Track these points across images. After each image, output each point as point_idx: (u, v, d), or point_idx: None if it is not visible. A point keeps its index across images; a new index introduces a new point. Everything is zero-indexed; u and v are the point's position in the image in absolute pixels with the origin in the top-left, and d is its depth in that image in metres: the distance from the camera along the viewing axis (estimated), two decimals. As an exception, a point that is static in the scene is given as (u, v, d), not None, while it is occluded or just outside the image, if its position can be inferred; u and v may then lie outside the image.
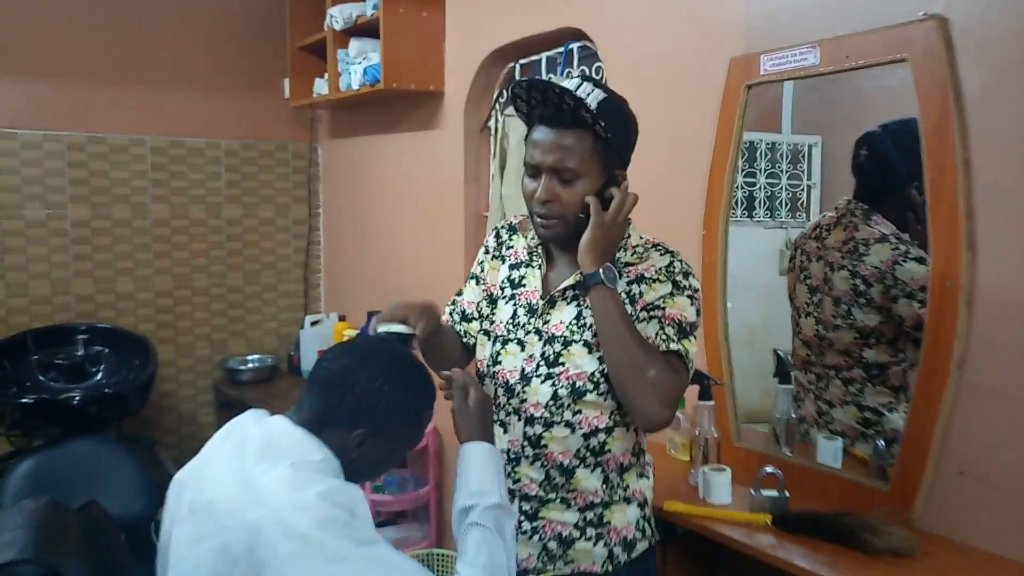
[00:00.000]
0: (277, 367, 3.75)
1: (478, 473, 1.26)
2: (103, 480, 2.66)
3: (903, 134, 1.57)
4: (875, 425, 1.79)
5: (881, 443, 1.73)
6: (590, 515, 1.41)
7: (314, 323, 3.68)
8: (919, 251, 1.62)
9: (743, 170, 2.13)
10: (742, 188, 2.19)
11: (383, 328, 1.35)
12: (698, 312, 1.36)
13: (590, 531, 1.41)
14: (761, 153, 2.24)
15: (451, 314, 1.59)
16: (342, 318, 3.67)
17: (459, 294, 1.61)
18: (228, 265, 3.72)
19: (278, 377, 3.71)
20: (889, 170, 1.71)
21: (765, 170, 2.23)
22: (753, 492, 1.65)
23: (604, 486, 1.41)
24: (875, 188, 1.81)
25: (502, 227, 1.58)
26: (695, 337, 1.34)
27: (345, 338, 3.45)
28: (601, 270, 1.30)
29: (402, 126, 3.24)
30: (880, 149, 1.74)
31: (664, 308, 1.33)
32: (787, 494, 1.63)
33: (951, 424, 1.49)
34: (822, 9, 1.68)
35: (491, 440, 1.32)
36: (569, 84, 1.31)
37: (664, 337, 1.30)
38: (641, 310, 1.34)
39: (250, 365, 3.68)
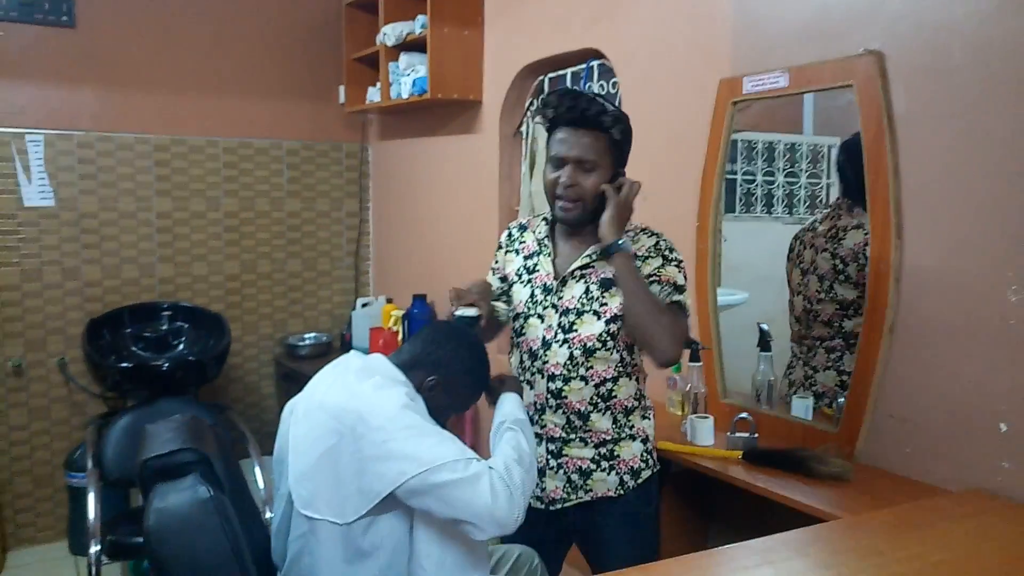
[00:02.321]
0: (331, 344, 4.19)
1: (509, 407, 1.67)
2: (191, 433, 3.12)
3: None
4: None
5: (842, 399, 2.10)
6: (603, 450, 1.78)
7: (364, 305, 4.10)
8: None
9: (762, 170, 2.43)
10: (761, 186, 2.48)
11: (460, 312, 1.73)
12: (685, 277, 1.74)
13: (604, 463, 1.78)
14: (779, 153, 2.53)
15: None
16: (389, 300, 4.08)
17: None
18: (288, 253, 4.17)
19: (332, 352, 4.13)
20: (859, 172, 2.05)
21: (783, 169, 2.53)
22: (729, 434, 2.04)
23: (613, 426, 1.78)
24: (853, 186, 2.15)
25: (514, 227, 1.93)
26: (687, 294, 1.73)
27: (392, 318, 3.88)
28: (620, 240, 1.67)
29: (444, 130, 3.65)
30: (852, 155, 2.08)
31: (660, 275, 1.71)
32: (756, 435, 2.01)
33: (884, 377, 1.86)
34: (789, 42, 2.05)
35: (521, 394, 1.74)
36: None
37: (667, 292, 1.70)
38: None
39: (307, 341, 4.11)
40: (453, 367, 1.62)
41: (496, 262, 1.96)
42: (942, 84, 1.73)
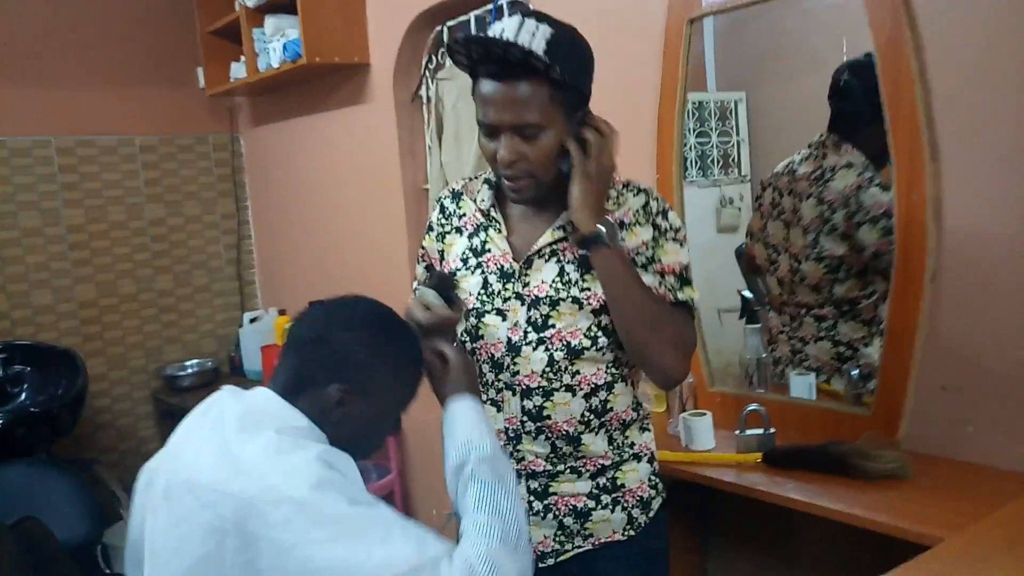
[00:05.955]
0: (218, 369, 3.57)
1: (464, 426, 1.14)
2: (40, 505, 2.45)
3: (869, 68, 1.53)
4: (850, 360, 1.78)
5: (855, 373, 1.72)
6: (602, 480, 1.31)
7: (253, 320, 3.51)
8: (883, 179, 1.60)
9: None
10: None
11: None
12: (688, 251, 1.28)
13: (605, 498, 1.31)
14: (689, 112, 2.21)
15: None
16: (282, 312, 3.51)
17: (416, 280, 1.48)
18: (155, 268, 3.51)
19: (220, 380, 3.52)
20: (864, 98, 1.65)
21: (695, 129, 2.21)
22: (738, 432, 1.62)
23: (610, 447, 1.31)
24: (852, 115, 1.76)
25: (445, 197, 1.41)
26: (692, 285, 1.27)
27: (288, 332, 3.31)
28: (602, 227, 1.19)
29: (328, 104, 3.10)
30: (863, 76, 1.67)
31: (659, 259, 1.25)
32: (773, 430, 1.60)
33: (929, 340, 1.47)
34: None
35: (476, 393, 1.22)
36: (509, 29, 1.17)
37: (668, 287, 1.23)
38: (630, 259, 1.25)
39: (190, 370, 3.48)
40: (356, 357, 1.08)
41: (422, 250, 1.43)
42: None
